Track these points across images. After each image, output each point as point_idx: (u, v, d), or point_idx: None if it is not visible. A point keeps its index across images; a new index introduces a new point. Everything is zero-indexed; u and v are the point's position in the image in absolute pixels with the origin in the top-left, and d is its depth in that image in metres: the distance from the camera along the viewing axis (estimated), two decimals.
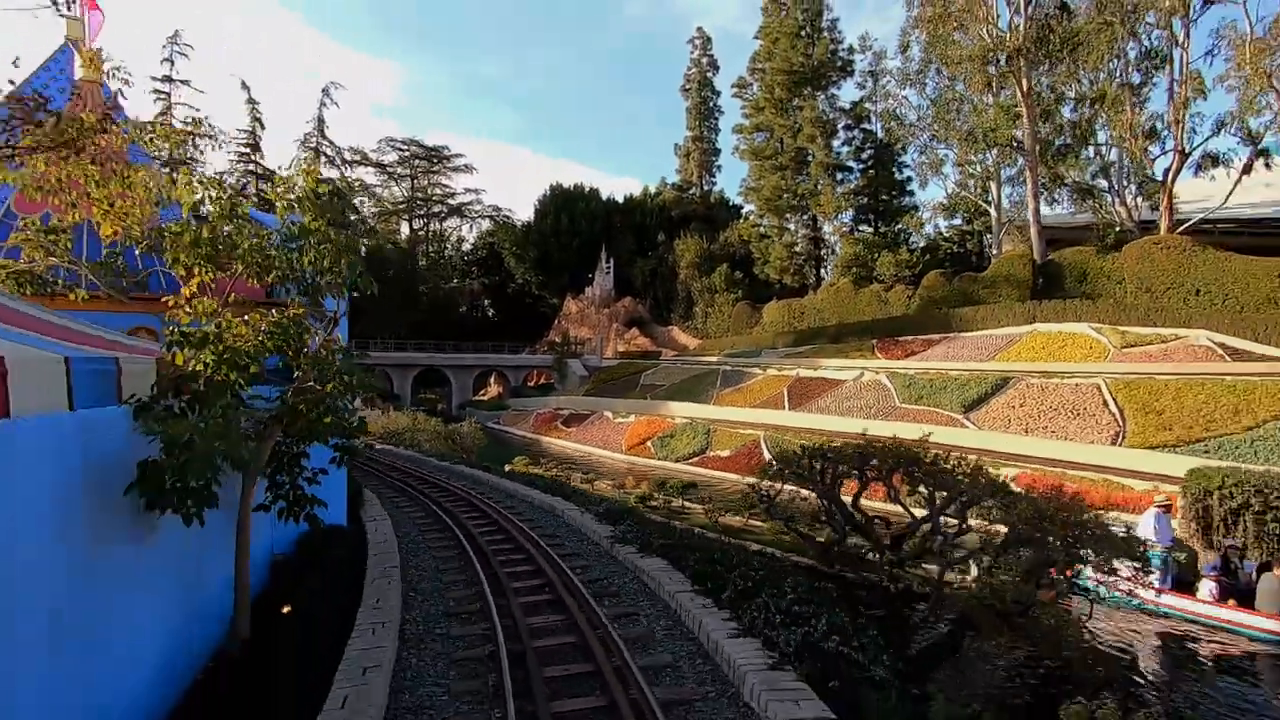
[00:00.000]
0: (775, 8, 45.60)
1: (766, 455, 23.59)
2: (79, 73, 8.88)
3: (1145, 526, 12.02)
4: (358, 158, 57.38)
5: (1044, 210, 40.08)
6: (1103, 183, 36.25)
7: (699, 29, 55.43)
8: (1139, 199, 35.25)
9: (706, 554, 7.60)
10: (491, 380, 54.46)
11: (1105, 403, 21.74)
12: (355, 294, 7.04)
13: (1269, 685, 8.25)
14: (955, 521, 6.36)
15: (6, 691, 3.28)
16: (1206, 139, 30.01)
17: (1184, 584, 11.08)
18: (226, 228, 5.21)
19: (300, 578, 6.80)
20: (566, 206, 55.21)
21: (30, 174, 5.78)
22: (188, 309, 5.17)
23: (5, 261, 6.11)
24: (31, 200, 6.14)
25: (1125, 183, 35.34)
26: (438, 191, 60.94)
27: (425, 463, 20.66)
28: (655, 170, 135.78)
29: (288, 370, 5.91)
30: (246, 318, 4.94)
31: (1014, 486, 18.75)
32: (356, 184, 56.75)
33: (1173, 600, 10.67)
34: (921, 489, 6.52)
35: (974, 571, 7.42)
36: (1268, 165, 29.55)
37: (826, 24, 43.97)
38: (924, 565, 7.40)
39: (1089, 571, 10.89)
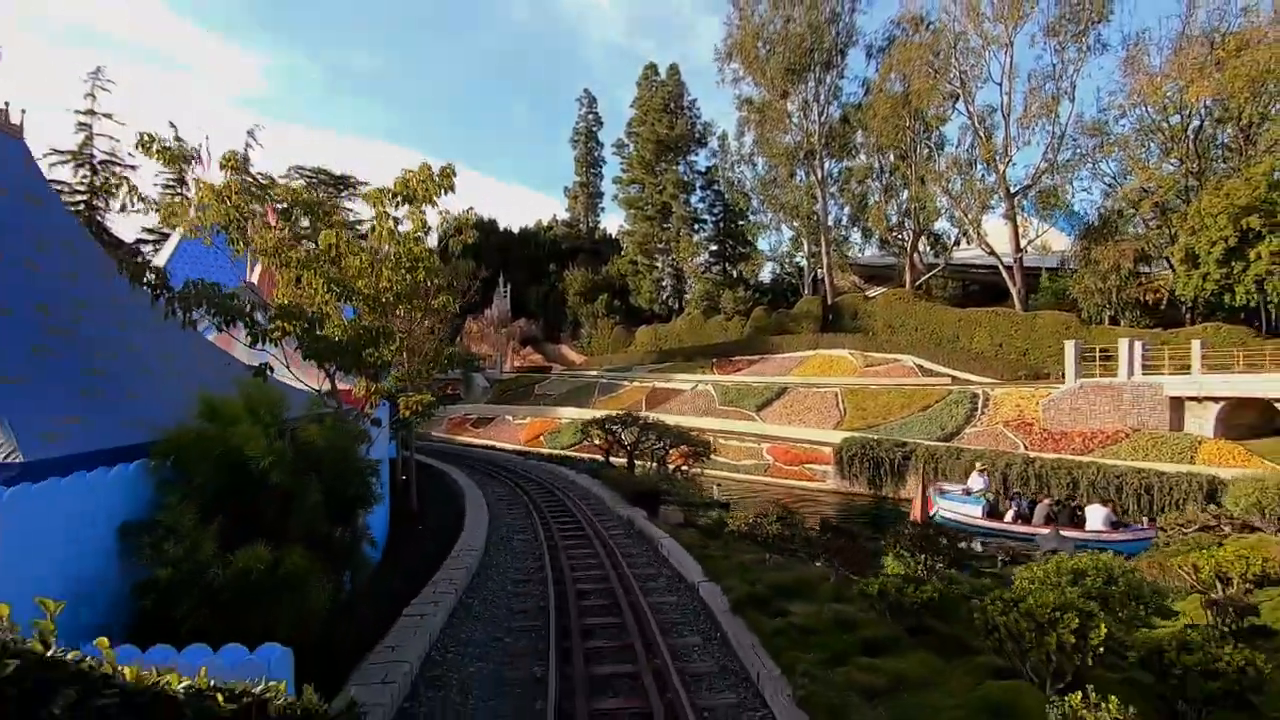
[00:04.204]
0: (647, 84, 59.01)
1: None
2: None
3: (973, 480, 21.84)
4: (267, 181, 64.55)
5: (868, 251, 55.25)
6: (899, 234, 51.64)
7: (585, 90, 68.11)
8: (925, 247, 50.79)
9: (571, 461, 19.96)
10: None
11: (838, 404, 35.95)
12: None
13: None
14: (653, 440, 18.86)
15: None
16: (930, 223, 46.26)
17: (995, 514, 19.55)
18: None
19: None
20: None
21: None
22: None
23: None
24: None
25: (911, 236, 50.87)
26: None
27: None
28: (540, 173, 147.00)
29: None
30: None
31: (766, 455, 32.29)
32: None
33: (988, 523, 19.25)
34: (636, 427, 18.87)
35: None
36: (968, 240, 46.06)
37: (687, 103, 58.00)
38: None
39: (943, 511, 23.02)
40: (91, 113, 53.06)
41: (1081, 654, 4.54)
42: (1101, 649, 4.52)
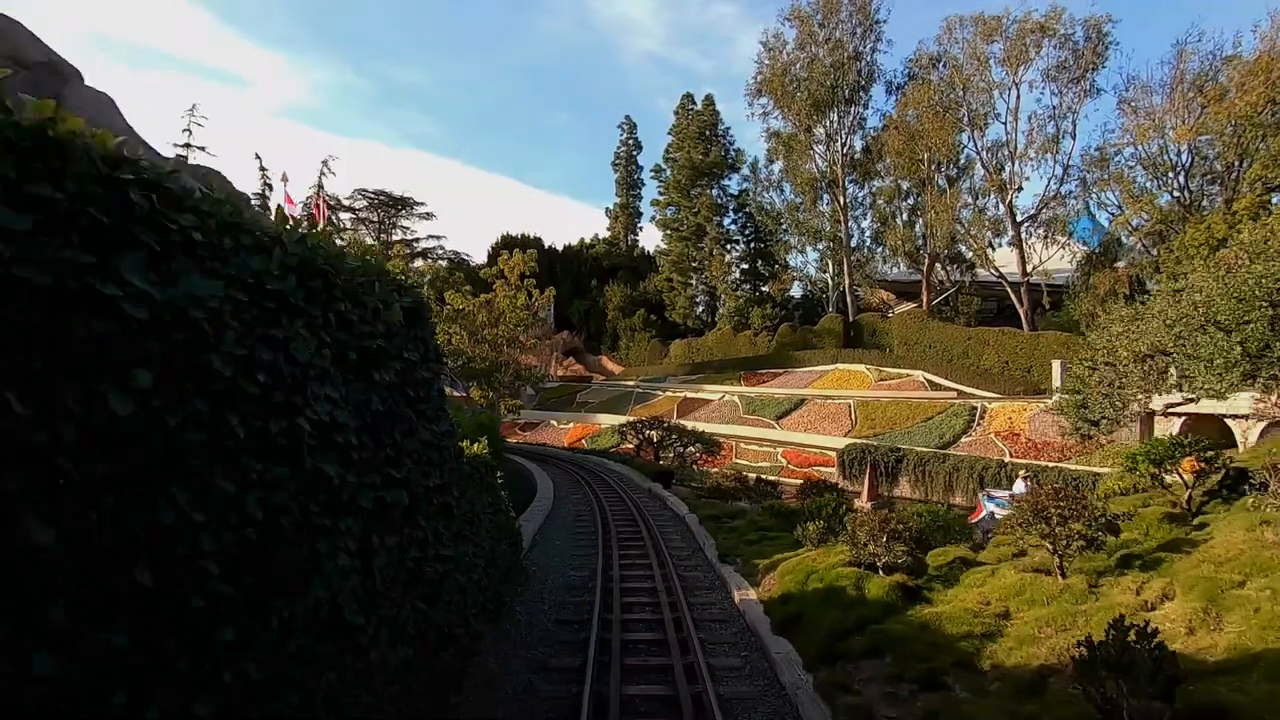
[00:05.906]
0: (683, 113, 65.46)
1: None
2: None
3: (1017, 486, 26.39)
4: (333, 202, 73.30)
5: (898, 269, 60.24)
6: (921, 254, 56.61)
7: (626, 116, 74.94)
8: (950, 265, 55.58)
9: (610, 454, 26.25)
10: None
11: (850, 414, 41.42)
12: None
13: None
14: (675, 439, 24.79)
15: None
16: (945, 248, 51.24)
17: None
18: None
19: None
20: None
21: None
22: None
23: None
24: None
25: (938, 254, 55.74)
26: (402, 236, 77.54)
27: None
28: (580, 182, 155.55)
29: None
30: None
31: (780, 458, 38.22)
32: (342, 228, 72.91)
33: None
34: (661, 429, 24.83)
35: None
36: (981, 264, 50.90)
37: (721, 132, 64.32)
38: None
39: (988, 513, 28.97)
40: (188, 145, 62.01)
41: (835, 518, 10.44)
42: (840, 515, 10.45)
